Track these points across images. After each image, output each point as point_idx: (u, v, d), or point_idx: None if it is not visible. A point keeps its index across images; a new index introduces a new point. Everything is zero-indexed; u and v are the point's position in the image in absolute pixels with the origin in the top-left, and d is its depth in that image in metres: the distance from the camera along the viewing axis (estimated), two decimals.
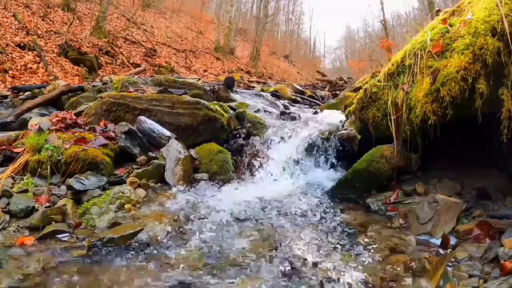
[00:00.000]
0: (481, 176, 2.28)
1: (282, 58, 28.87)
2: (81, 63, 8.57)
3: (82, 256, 1.66)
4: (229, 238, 1.88)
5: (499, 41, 1.82)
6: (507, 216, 1.85)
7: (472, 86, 1.94)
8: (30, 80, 6.93)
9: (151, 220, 2.03)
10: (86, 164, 2.42)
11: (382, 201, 2.38)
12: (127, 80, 4.61)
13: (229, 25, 18.46)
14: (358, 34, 47.73)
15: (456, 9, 2.35)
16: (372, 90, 2.74)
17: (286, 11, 35.68)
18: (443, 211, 1.92)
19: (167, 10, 21.31)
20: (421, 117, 2.24)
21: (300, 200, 2.52)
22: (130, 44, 12.27)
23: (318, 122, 3.60)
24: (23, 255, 1.66)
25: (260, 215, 2.22)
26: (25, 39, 8.31)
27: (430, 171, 2.54)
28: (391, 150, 2.53)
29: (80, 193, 2.22)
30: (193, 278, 1.50)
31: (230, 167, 2.92)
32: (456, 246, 1.73)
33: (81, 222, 2.01)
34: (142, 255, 1.69)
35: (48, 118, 3.30)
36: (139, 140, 2.89)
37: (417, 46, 2.38)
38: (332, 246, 1.81)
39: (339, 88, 8.50)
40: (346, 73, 18.24)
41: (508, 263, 1.42)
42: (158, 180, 2.62)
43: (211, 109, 3.28)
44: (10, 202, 2.03)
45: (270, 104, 4.90)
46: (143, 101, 3.24)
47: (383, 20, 21.13)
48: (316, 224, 2.11)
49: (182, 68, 13.05)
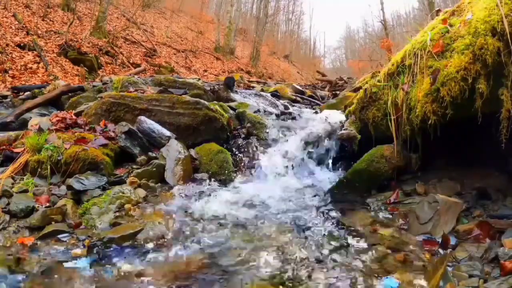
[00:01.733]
0: (481, 176, 2.28)
1: (282, 58, 28.86)
2: (81, 63, 8.56)
3: (82, 256, 1.67)
4: (229, 238, 1.88)
5: (499, 41, 1.82)
6: (507, 216, 1.85)
7: (472, 86, 1.94)
8: (30, 80, 6.93)
9: (151, 220, 2.03)
10: (86, 164, 2.43)
11: (382, 201, 2.38)
12: (127, 80, 4.61)
13: (229, 25, 18.46)
14: (358, 34, 47.75)
15: (456, 9, 2.35)
16: (372, 90, 2.74)
17: (286, 11, 35.71)
18: (443, 211, 1.92)
19: (167, 10, 21.31)
20: (421, 117, 2.24)
21: (300, 200, 2.53)
22: (130, 44, 12.27)
23: (318, 122, 3.60)
24: (23, 255, 1.66)
25: (260, 215, 2.23)
26: (25, 39, 8.31)
27: (430, 171, 2.54)
28: (391, 150, 2.53)
29: (80, 193, 2.22)
30: (192, 278, 1.50)
31: (230, 167, 2.92)
32: (456, 246, 1.73)
33: (81, 222, 2.01)
34: (142, 255, 1.70)
35: (48, 118, 3.31)
36: (139, 140, 2.89)
37: (417, 46, 2.38)
38: (332, 246, 1.81)
39: (339, 88, 8.50)
40: (346, 73, 18.24)
41: (508, 263, 1.42)
42: (158, 180, 2.62)
43: (211, 109, 3.28)
44: (10, 202, 2.04)
45: (270, 104, 4.90)
46: (143, 101, 3.24)
47: (383, 20, 21.15)
48: (316, 224, 2.11)
49: (182, 68, 13.05)
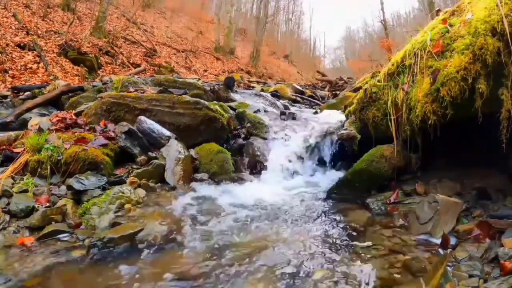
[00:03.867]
0: (481, 176, 2.28)
1: (282, 58, 28.85)
2: (81, 63, 8.56)
3: (82, 256, 1.67)
4: (228, 238, 1.88)
5: (499, 41, 1.82)
6: (507, 216, 1.85)
7: (472, 86, 1.94)
8: (30, 80, 6.93)
9: (151, 220, 2.03)
10: (86, 164, 2.42)
11: (382, 201, 2.38)
12: (127, 80, 4.61)
13: (229, 25, 18.46)
14: (358, 34, 47.74)
15: (456, 9, 2.35)
16: (372, 90, 2.74)
17: (286, 11, 35.71)
18: (443, 211, 1.92)
19: (167, 10, 21.31)
20: (421, 117, 2.24)
21: (300, 200, 2.53)
22: (130, 44, 12.27)
23: (318, 122, 3.61)
24: (23, 255, 1.66)
25: (259, 215, 2.23)
26: (25, 39, 8.31)
27: (430, 171, 2.54)
28: (391, 150, 2.53)
29: (80, 193, 2.22)
30: (192, 278, 1.50)
31: (230, 167, 2.92)
32: (456, 246, 1.73)
33: (81, 222, 2.01)
34: (142, 255, 1.70)
35: (48, 118, 3.31)
36: (139, 140, 2.89)
37: (417, 46, 2.38)
38: (331, 246, 1.81)
39: (339, 88, 8.50)
40: (346, 73, 18.23)
41: (508, 263, 1.42)
42: (158, 180, 2.62)
43: (211, 109, 3.28)
44: (10, 202, 2.03)
45: (270, 104, 4.91)
46: (143, 101, 3.24)
47: (383, 20, 21.17)
48: (316, 224, 2.11)
49: (182, 68, 13.05)
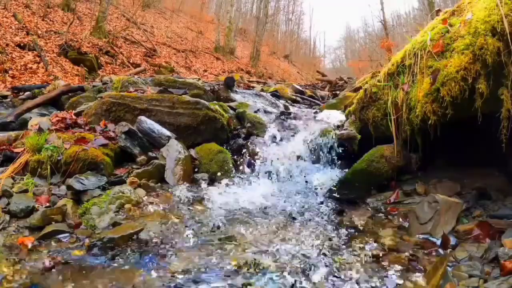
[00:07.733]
0: (481, 176, 2.28)
1: (282, 58, 28.85)
2: (81, 63, 8.56)
3: (82, 256, 1.67)
4: (229, 238, 1.88)
5: (499, 41, 1.82)
6: (507, 216, 1.85)
7: (472, 86, 1.94)
8: (30, 80, 6.93)
9: (151, 220, 2.03)
10: (86, 164, 2.42)
11: (382, 201, 2.38)
12: (127, 80, 4.60)
13: (229, 25, 18.44)
14: (358, 34, 47.63)
15: (456, 9, 2.35)
16: (372, 90, 2.74)
17: (286, 11, 35.66)
18: (443, 211, 1.92)
19: (167, 10, 21.31)
20: (421, 117, 2.24)
21: (300, 199, 2.53)
22: (130, 44, 12.26)
23: (318, 122, 3.61)
24: (23, 255, 1.66)
25: (259, 215, 2.23)
26: (25, 39, 8.31)
27: (430, 171, 2.54)
28: (391, 150, 2.53)
29: (80, 193, 2.22)
30: (192, 278, 1.50)
31: (230, 167, 2.92)
32: (456, 246, 1.73)
33: (81, 222, 2.01)
34: (142, 255, 1.69)
35: (48, 118, 3.31)
36: (139, 140, 2.89)
37: (417, 46, 2.38)
38: (331, 246, 1.81)
39: (339, 88, 8.50)
40: (346, 73, 18.23)
41: (508, 263, 1.42)
42: (158, 180, 2.62)
43: (211, 109, 3.28)
44: (10, 202, 2.03)
45: (270, 104, 4.90)
46: (143, 101, 3.24)
47: (383, 20, 21.16)
48: (315, 224, 2.11)
49: (182, 68, 13.04)
